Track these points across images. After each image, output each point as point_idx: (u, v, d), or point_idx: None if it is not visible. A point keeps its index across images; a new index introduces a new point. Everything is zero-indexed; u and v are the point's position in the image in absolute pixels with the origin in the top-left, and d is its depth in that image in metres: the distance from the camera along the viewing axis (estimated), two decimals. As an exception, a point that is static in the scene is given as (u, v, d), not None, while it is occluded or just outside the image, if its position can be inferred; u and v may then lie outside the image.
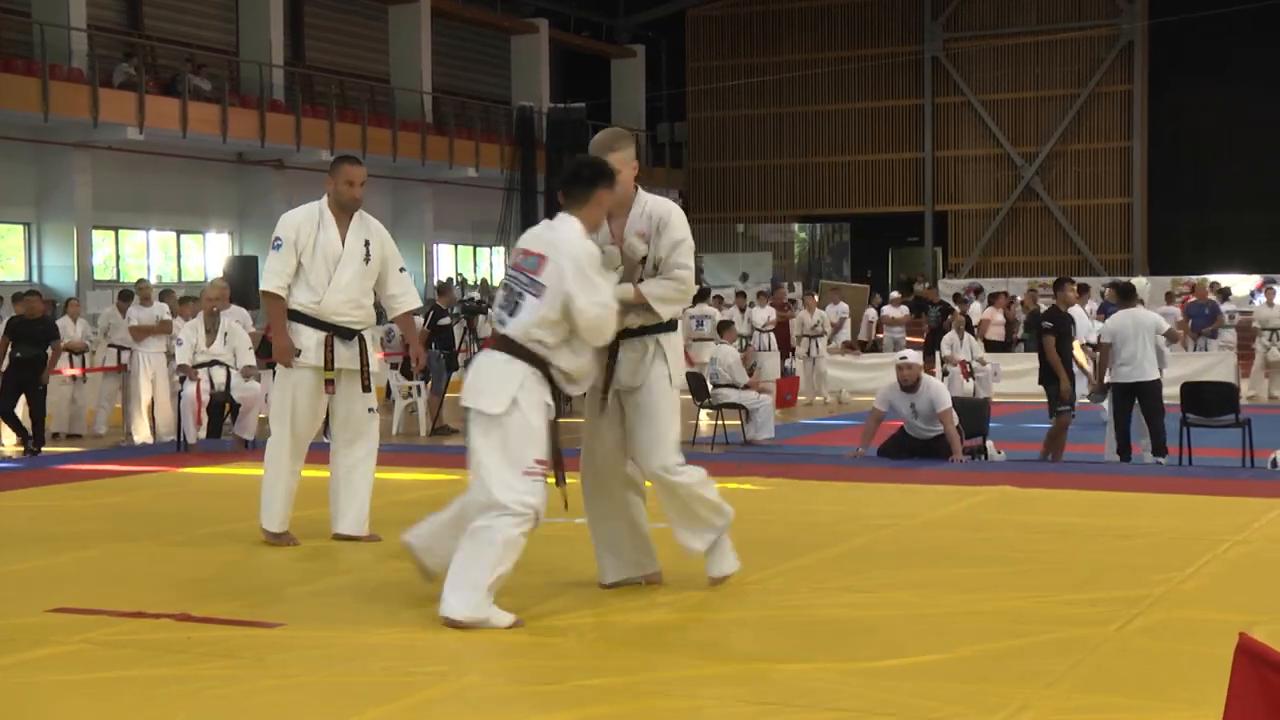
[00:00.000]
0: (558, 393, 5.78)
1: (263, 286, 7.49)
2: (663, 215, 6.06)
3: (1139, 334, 12.23)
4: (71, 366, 16.90)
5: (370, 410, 7.63)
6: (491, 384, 5.66)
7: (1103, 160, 38.39)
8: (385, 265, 7.60)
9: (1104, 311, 20.13)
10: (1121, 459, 12.23)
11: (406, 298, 7.75)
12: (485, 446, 5.61)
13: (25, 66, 23.42)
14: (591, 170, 5.88)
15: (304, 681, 4.79)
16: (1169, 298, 26.37)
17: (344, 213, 7.46)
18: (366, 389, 7.53)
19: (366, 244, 7.48)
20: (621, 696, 4.56)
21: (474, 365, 5.96)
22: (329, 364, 7.37)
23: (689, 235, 6.08)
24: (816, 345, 21.38)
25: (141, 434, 15.53)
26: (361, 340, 7.51)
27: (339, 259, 7.37)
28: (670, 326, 6.10)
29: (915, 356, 11.94)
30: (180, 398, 13.22)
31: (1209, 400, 12.66)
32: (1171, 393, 12.73)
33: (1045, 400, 13.06)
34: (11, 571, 6.82)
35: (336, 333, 7.40)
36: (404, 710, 4.46)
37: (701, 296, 21.84)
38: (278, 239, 7.42)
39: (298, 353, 7.35)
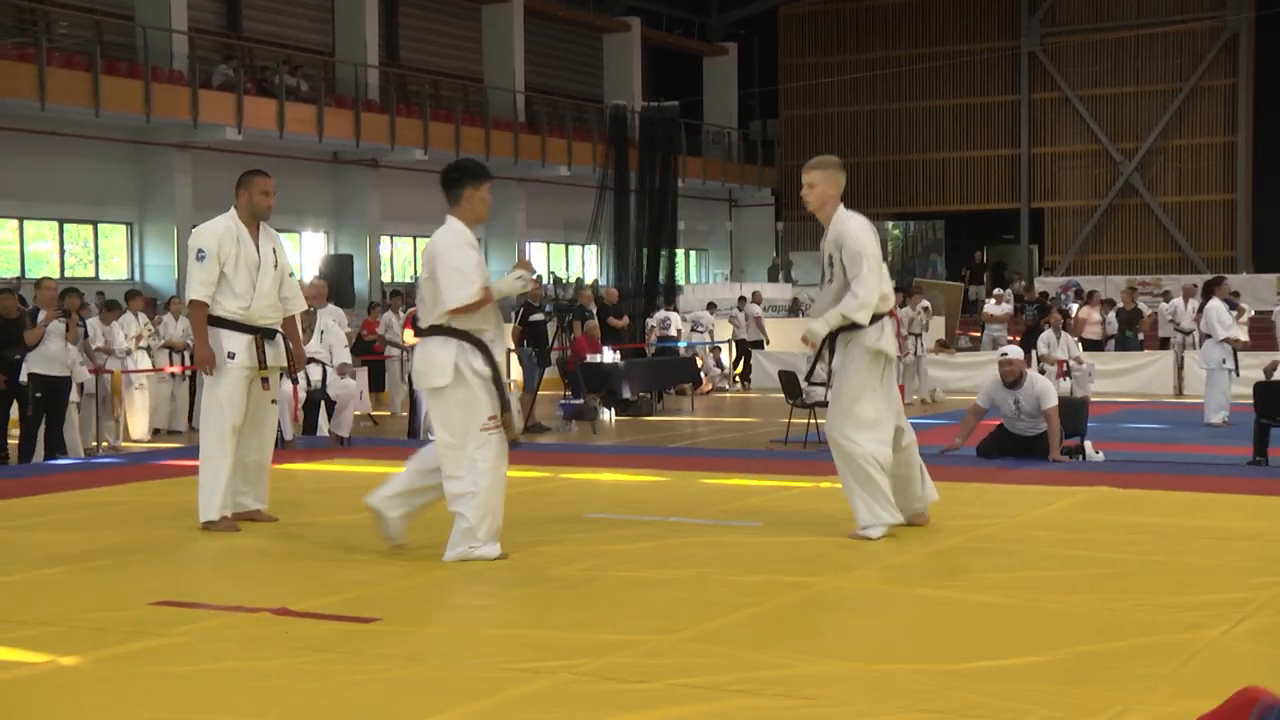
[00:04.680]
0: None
1: (193, 296, 7.99)
2: None
3: None
4: (171, 364, 17.21)
5: (274, 401, 8.28)
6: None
7: (1206, 156, 37.66)
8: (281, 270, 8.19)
9: (1199, 311, 19.76)
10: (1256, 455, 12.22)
11: (295, 300, 8.34)
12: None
13: (128, 69, 23.88)
14: (456, 171, 6.97)
15: (398, 677, 4.83)
16: None
17: (253, 223, 8.04)
18: (295, 381, 8.59)
19: (274, 251, 8.08)
20: (711, 696, 4.54)
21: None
22: (262, 363, 7.98)
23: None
24: (920, 343, 21.22)
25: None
26: (283, 338, 8.16)
27: (258, 267, 7.96)
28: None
29: (1017, 352, 11.79)
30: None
31: None
32: (1244, 392, 12.58)
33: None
34: (114, 565, 6.94)
35: (263, 334, 8.00)
36: (495, 706, 4.47)
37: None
38: (201, 251, 7.93)
39: (232, 356, 7.88)
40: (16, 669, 4.96)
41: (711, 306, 28.26)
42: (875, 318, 7.40)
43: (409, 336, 15.28)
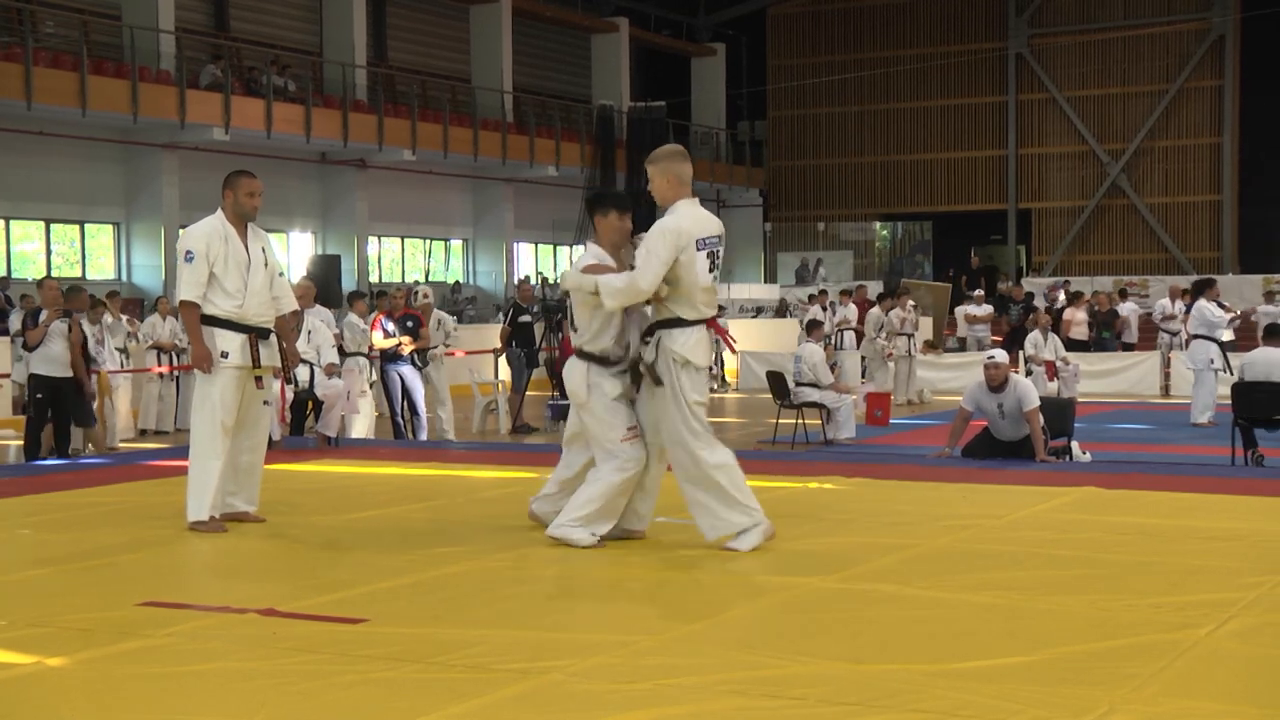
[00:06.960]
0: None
1: (184, 297, 7.96)
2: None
3: None
4: (159, 364, 17.17)
5: (266, 403, 8.27)
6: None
7: (1192, 157, 37.79)
8: (271, 269, 8.19)
9: (1187, 311, 19.82)
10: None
11: (286, 300, 8.34)
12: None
13: (115, 69, 23.85)
14: (596, 196, 7.24)
15: (386, 677, 4.82)
16: (1269, 296, 26.02)
17: (240, 223, 8.03)
18: (290, 381, 8.49)
19: (263, 250, 8.09)
20: (701, 696, 4.54)
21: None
22: (256, 363, 7.98)
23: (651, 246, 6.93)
24: (912, 344, 21.25)
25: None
26: (277, 337, 8.18)
27: (249, 266, 7.96)
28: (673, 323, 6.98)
29: (1003, 356, 11.80)
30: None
31: (1259, 400, 12.41)
32: (1223, 392, 12.56)
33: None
34: (101, 565, 6.92)
35: (257, 334, 8.00)
36: (484, 707, 4.47)
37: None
38: (189, 252, 7.91)
39: (225, 355, 7.89)
40: (3, 670, 4.94)
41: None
42: (684, 323, 6.94)
43: (378, 339, 15.25)
